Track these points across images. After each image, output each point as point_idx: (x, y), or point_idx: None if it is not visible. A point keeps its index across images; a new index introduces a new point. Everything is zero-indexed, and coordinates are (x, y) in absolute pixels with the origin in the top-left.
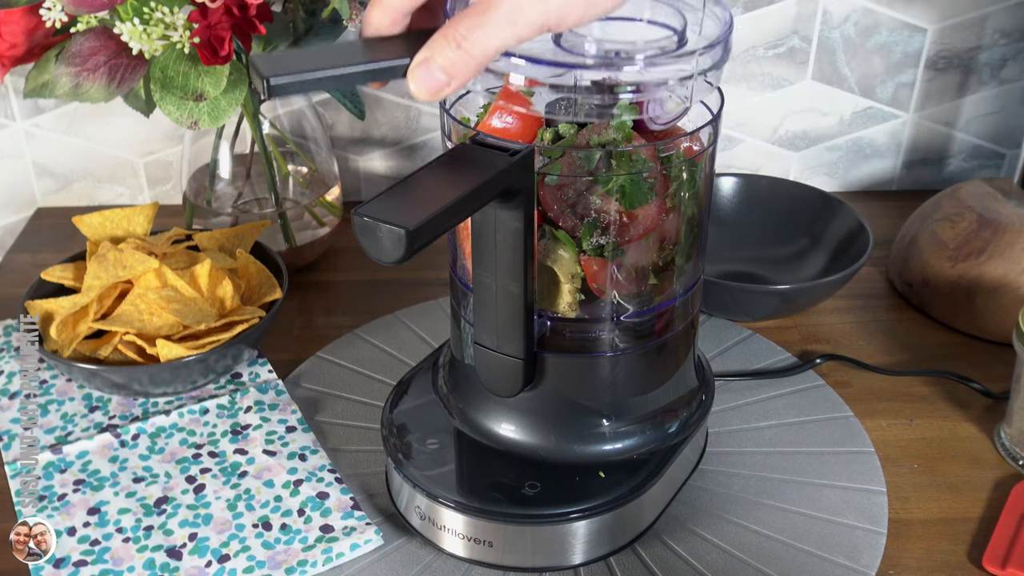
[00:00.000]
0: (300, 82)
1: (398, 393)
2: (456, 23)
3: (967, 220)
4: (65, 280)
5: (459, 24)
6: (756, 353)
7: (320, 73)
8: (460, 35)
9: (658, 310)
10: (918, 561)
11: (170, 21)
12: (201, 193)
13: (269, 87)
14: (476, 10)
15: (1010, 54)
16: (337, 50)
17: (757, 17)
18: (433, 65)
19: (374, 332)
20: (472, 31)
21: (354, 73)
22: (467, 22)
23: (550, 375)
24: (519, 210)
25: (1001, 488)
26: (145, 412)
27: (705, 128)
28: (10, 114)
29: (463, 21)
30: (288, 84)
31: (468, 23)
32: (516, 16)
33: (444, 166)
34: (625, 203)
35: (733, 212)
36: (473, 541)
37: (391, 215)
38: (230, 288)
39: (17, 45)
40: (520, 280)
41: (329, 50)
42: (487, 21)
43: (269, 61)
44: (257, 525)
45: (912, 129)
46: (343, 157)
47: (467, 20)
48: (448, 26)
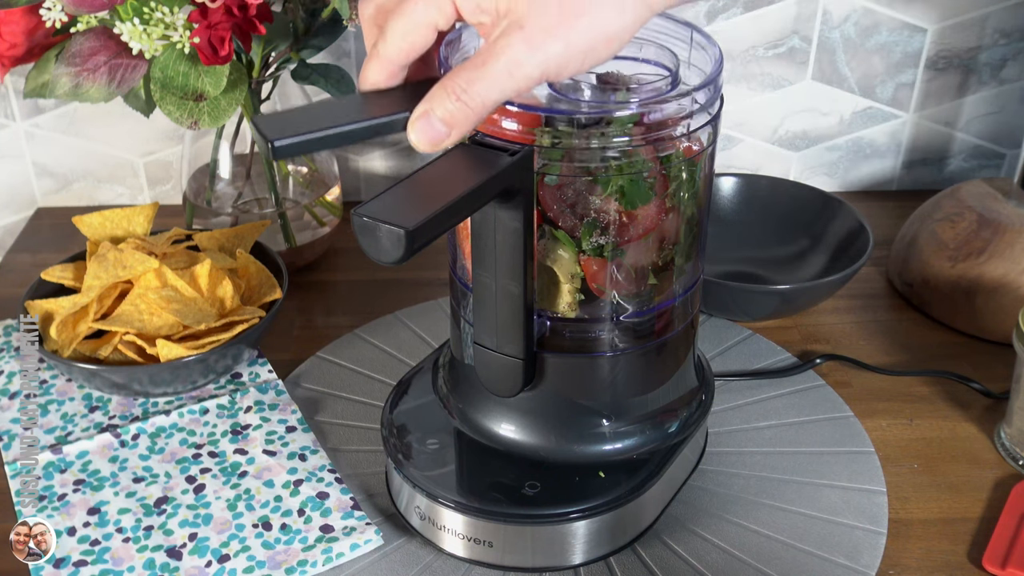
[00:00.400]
0: (303, 142)
1: (398, 393)
2: (455, 75)
3: (967, 220)
4: (65, 280)
5: (458, 76)
6: (756, 353)
7: (322, 132)
8: (459, 87)
9: (658, 310)
10: (918, 561)
11: (170, 21)
12: (201, 193)
13: (273, 149)
14: (475, 62)
15: (1010, 54)
16: (338, 107)
17: (757, 17)
18: (433, 117)
19: (374, 332)
20: (472, 84)
21: (356, 130)
22: (466, 75)
23: (550, 375)
24: (519, 210)
25: (1001, 488)
26: (145, 412)
27: (704, 128)
28: (10, 114)
29: (462, 73)
30: (291, 145)
31: (467, 76)
32: (515, 69)
33: (444, 166)
34: (625, 203)
35: (733, 212)
36: (473, 541)
37: (391, 215)
38: (230, 288)
39: (17, 45)
40: (520, 280)
41: (330, 107)
42: (486, 74)
43: (272, 123)
44: (257, 525)
45: (912, 129)
46: (343, 157)
47: (466, 73)
48: (448, 78)
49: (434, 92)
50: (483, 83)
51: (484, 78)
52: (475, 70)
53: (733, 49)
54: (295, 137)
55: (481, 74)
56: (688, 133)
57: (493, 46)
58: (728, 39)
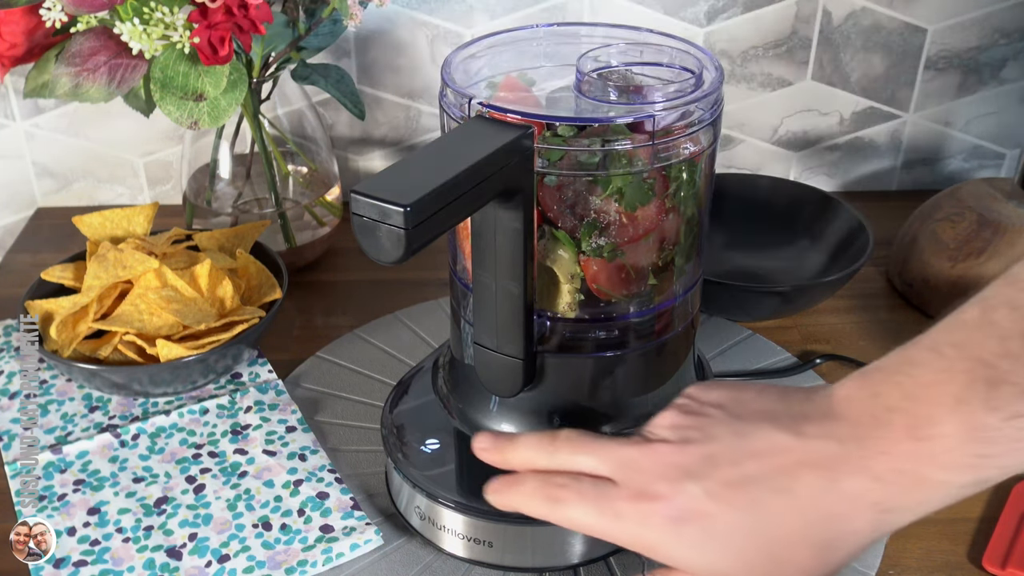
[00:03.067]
0: None
1: (398, 393)
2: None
3: (967, 220)
4: (65, 280)
5: (571, 508)
6: (756, 353)
7: None
8: (561, 515)
9: (658, 310)
10: (918, 561)
11: (170, 21)
12: (201, 193)
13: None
14: (609, 509)
15: (1010, 54)
16: None
17: (757, 17)
18: (515, 495)
19: (374, 332)
20: (574, 521)
21: None
22: (581, 511)
23: (550, 375)
24: (519, 210)
25: (1001, 488)
26: (145, 412)
27: (704, 128)
28: (10, 114)
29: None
30: None
31: (581, 513)
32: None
33: (448, 142)
34: (624, 204)
35: (733, 212)
36: (473, 541)
37: (390, 195)
38: (230, 288)
39: (17, 45)
40: (520, 280)
41: None
42: (590, 524)
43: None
44: (257, 525)
45: (912, 129)
46: (343, 157)
47: (582, 510)
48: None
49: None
50: (580, 523)
51: (584, 525)
52: (597, 517)
53: (733, 49)
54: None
55: (592, 524)
56: (688, 134)
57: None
58: (728, 39)
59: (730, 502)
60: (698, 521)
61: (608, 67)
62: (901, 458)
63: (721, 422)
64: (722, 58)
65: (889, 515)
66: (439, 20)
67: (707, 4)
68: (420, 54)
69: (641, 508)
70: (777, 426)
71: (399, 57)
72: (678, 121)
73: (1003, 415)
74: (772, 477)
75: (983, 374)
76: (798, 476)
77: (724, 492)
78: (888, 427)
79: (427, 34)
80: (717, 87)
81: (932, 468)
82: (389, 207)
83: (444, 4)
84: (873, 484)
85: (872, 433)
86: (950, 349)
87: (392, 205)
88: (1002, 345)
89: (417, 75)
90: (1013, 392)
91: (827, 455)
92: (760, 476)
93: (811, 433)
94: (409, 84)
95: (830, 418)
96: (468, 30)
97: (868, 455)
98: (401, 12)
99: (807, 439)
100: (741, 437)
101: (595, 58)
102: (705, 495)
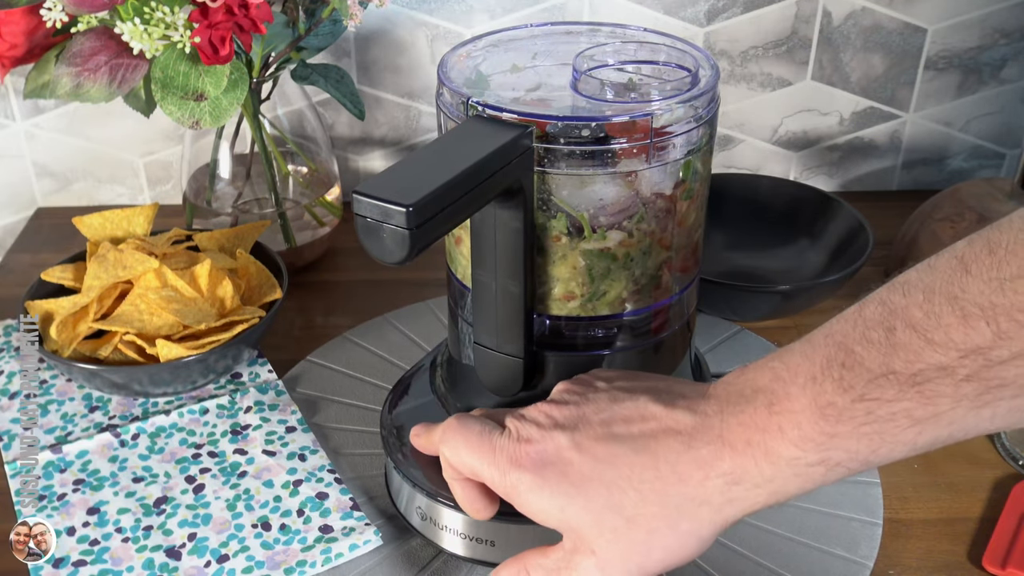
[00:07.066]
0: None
1: (397, 393)
2: (533, 562)
3: (967, 220)
4: (65, 280)
5: (535, 568)
6: (755, 353)
7: None
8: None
9: (655, 308)
10: (918, 561)
11: (170, 21)
12: (201, 193)
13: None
14: (553, 565)
15: (1010, 54)
16: None
17: (757, 17)
18: None
19: (364, 335)
20: None
21: None
22: (543, 571)
23: (550, 374)
24: (519, 210)
25: (1001, 488)
26: (145, 412)
27: (701, 127)
28: (10, 114)
29: (540, 565)
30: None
31: (543, 571)
32: None
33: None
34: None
35: (733, 212)
36: (474, 540)
37: (392, 195)
38: (230, 288)
39: (17, 45)
40: (520, 280)
41: None
42: None
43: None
44: (256, 525)
45: (912, 129)
46: (343, 157)
47: (543, 569)
48: (526, 558)
49: (508, 564)
50: (462, 459)
51: (466, 464)
52: (477, 451)
53: (733, 49)
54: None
55: (473, 462)
56: (685, 132)
57: (571, 560)
58: (728, 39)
59: (592, 453)
60: (559, 465)
61: (604, 65)
62: (753, 429)
63: (604, 392)
64: (722, 58)
65: (738, 487)
66: (439, 20)
67: (707, 4)
68: (420, 54)
69: (515, 447)
70: (653, 398)
71: (399, 57)
72: (675, 119)
73: (852, 396)
74: (635, 438)
75: (840, 358)
76: (660, 439)
77: (588, 444)
78: (751, 403)
79: (427, 34)
80: (713, 85)
81: (782, 442)
82: (391, 207)
83: (444, 4)
84: (724, 451)
85: (735, 408)
86: (820, 338)
87: (394, 205)
88: (864, 334)
89: (417, 75)
90: (865, 376)
91: (690, 424)
92: (625, 436)
93: (681, 406)
94: (409, 84)
95: (703, 397)
96: (468, 30)
97: (727, 426)
98: (401, 12)
99: (676, 410)
100: (616, 403)
101: (591, 57)
102: (571, 444)
